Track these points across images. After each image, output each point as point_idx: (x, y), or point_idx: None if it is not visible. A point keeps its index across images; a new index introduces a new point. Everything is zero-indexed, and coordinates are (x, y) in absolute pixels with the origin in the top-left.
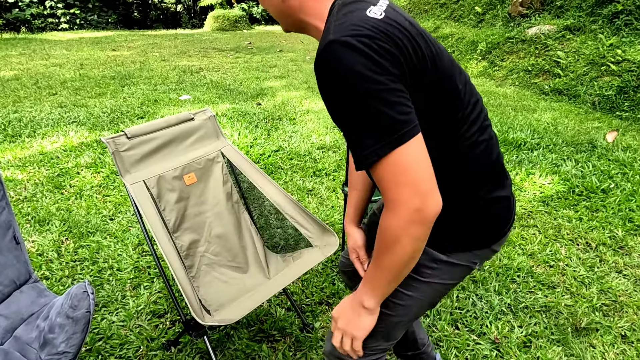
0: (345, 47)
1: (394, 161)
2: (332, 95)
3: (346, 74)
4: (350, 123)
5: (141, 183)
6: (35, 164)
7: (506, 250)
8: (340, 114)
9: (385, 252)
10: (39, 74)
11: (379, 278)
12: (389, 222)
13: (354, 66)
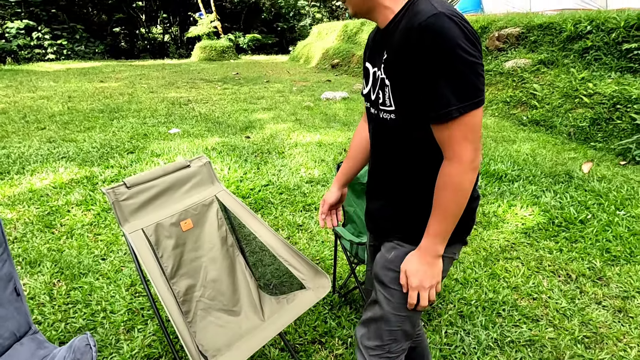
0: (451, 21)
1: (468, 121)
2: (430, 57)
3: (451, 41)
4: (441, 83)
5: (140, 231)
6: (24, 202)
7: (491, 283)
8: (431, 74)
9: (451, 197)
10: (26, 108)
11: (447, 224)
12: (453, 171)
13: (457, 38)
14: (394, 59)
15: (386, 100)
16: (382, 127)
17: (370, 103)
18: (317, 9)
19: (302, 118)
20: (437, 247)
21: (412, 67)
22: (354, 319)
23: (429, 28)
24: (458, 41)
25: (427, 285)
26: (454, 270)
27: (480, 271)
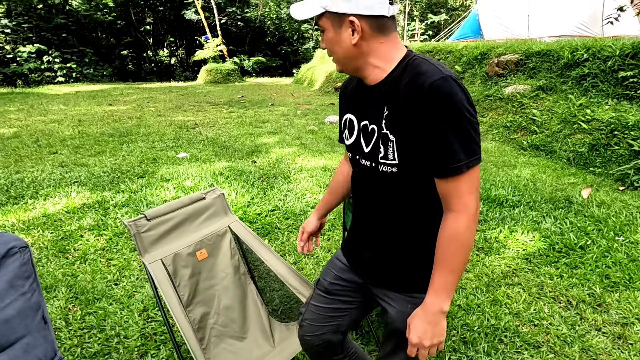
0: (457, 85)
1: (473, 174)
2: (441, 116)
3: (458, 103)
4: (451, 140)
5: (159, 262)
6: (39, 226)
7: (493, 309)
8: (443, 132)
9: (457, 250)
10: (38, 132)
11: (453, 277)
12: (460, 223)
13: (463, 101)
14: (400, 116)
15: (389, 154)
16: (380, 179)
17: (362, 155)
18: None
19: (307, 142)
20: (442, 303)
21: (421, 125)
22: (360, 345)
23: (440, 90)
24: (464, 103)
25: (427, 345)
26: (457, 296)
27: (482, 297)
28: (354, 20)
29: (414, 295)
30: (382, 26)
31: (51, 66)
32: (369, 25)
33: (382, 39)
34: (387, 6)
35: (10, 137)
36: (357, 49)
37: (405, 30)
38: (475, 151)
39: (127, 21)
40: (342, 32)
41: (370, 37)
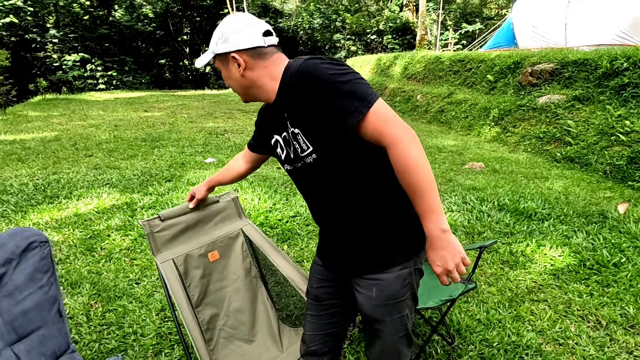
0: (312, 59)
1: (377, 110)
2: (318, 90)
3: (321, 71)
4: (339, 101)
5: (170, 261)
6: (70, 225)
7: (515, 325)
8: (329, 100)
9: (416, 174)
10: (77, 135)
11: (430, 198)
12: (399, 152)
13: (324, 66)
14: (295, 111)
15: (303, 146)
16: (311, 171)
17: (291, 162)
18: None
19: None
20: (439, 224)
21: (310, 106)
22: None
23: (304, 70)
24: (325, 67)
25: (452, 267)
26: (477, 310)
27: (504, 312)
28: (235, 55)
29: (377, 277)
30: (261, 54)
31: (94, 74)
32: (249, 56)
33: (265, 64)
34: (262, 38)
35: (52, 140)
36: (246, 79)
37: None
38: (364, 94)
39: (165, 31)
40: (230, 67)
41: (254, 65)
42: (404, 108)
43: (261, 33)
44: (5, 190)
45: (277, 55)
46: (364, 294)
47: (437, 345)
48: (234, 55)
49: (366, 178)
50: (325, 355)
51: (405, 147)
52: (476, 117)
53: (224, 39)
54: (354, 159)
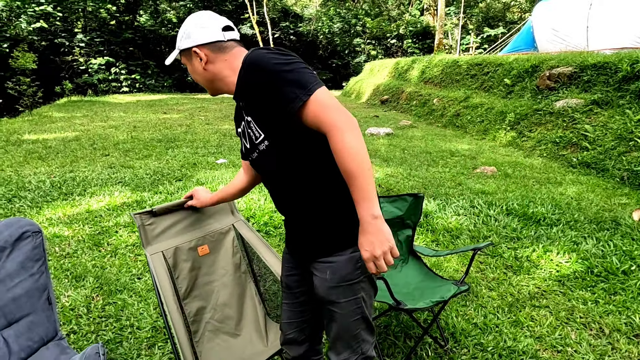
0: (256, 50)
1: (318, 97)
2: (261, 78)
3: (264, 60)
4: (282, 88)
5: (160, 254)
6: (81, 221)
7: (513, 331)
8: (272, 88)
9: (352, 159)
10: (96, 136)
11: (364, 183)
12: (337, 137)
13: (268, 56)
14: (247, 100)
15: (256, 133)
16: (265, 158)
17: (249, 152)
18: (372, 46)
19: None
20: (371, 210)
21: (259, 94)
22: None
23: (250, 60)
24: (269, 57)
25: (379, 254)
26: (474, 314)
27: (503, 317)
28: (196, 50)
29: (330, 260)
30: (221, 48)
31: (117, 77)
32: (209, 50)
33: (225, 57)
34: (221, 33)
35: (72, 140)
36: (208, 72)
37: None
38: (306, 82)
39: None
40: (193, 62)
41: (215, 59)
42: (420, 112)
43: (221, 28)
44: (24, 187)
45: (237, 49)
46: (319, 276)
47: (428, 347)
48: (196, 49)
49: (314, 164)
50: (303, 342)
51: (341, 133)
52: (492, 121)
53: (187, 35)
54: (302, 145)
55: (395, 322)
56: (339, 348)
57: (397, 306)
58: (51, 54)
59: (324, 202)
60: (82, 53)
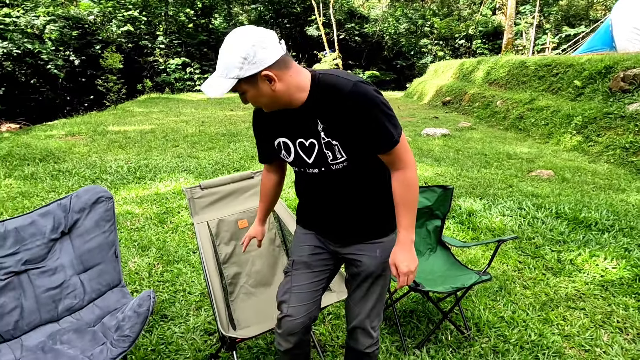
0: (367, 85)
1: (403, 140)
2: (368, 111)
3: (375, 99)
4: (383, 125)
5: (205, 223)
6: (149, 201)
7: (540, 327)
8: (375, 122)
9: (412, 193)
10: (169, 129)
11: (413, 214)
12: (408, 174)
13: (377, 96)
14: (336, 125)
15: (337, 155)
16: (335, 176)
17: (308, 166)
18: (439, 47)
19: None
20: (411, 235)
21: (357, 124)
22: (385, 334)
23: (358, 94)
24: (378, 97)
25: (413, 269)
26: (503, 309)
27: (532, 314)
28: (267, 72)
29: (378, 241)
30: (284, 62)
31: (192, 76)
32: (277, 69)
33: (290, 72)
34: (280, 46)
35: (148, 132)
36: (277, 92)
37: (532, 44)
38: (398, 125)
39: None
40: (260, 86)
41: (283, 76)
42: (481, 114)
43: (277, 42)
44: (106, 171)
45: (293, 62)
46: (369, 254)
47: (449, 333)
48: (265, 72)
49: (376, 176)
50: (303, 329)
51: (411, 171)
52: (557, 125)
53: (251, 61)
54: (374, 168)
55: (420, 308)
56: (372, 316)
57: (416, 287)
58: (136, 55)
59: (377, 201)
60: (161, 54)
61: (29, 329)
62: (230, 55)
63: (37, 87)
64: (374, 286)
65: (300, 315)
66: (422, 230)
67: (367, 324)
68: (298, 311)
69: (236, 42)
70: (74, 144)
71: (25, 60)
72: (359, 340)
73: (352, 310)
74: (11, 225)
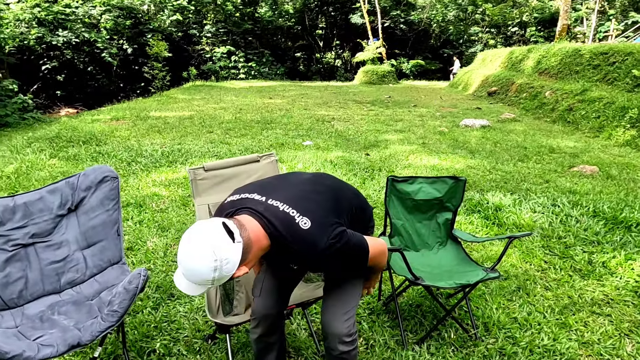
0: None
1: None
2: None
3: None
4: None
5: (205, 206)
6: (177, 185)
7: (556, 332)
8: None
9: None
10: (206, 116)
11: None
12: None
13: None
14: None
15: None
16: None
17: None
18: (490, 35)
19: (429, 142)
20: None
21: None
22: (387, 327)
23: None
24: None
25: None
26: (518, 310)
27: (550, 317)
28: (239, 270)
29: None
30: (246, 248)
31: (236, 65)
32: (243, 258)
33: (252, 245)
34: (232, 241)
35: (186, 118)
36: (250, 264)
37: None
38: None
39: (302, 26)
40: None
41: (248, 252)
42: (528, 105)
43: (230, 239)
44: (141, 154)
45: (246, 226)
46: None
47: (453, 330)
48: (238, 271)
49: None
50: (281, 315)
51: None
52: (609, 118)
53: (219, 278)
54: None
55: (427, 303)
56: (350, 319)
57: (415, 281)
58: (185, 44)
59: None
60: (208, 42)
61: (32, 299)
62: (197, 274)
63: (94, 75)
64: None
65: (273, 299)
66: (432, 223)
67: (351, 331)
68: (270, 295)
69: (198, 265)
70: (116, 128)
71: (83, 49)
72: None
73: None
74: (21, 200)
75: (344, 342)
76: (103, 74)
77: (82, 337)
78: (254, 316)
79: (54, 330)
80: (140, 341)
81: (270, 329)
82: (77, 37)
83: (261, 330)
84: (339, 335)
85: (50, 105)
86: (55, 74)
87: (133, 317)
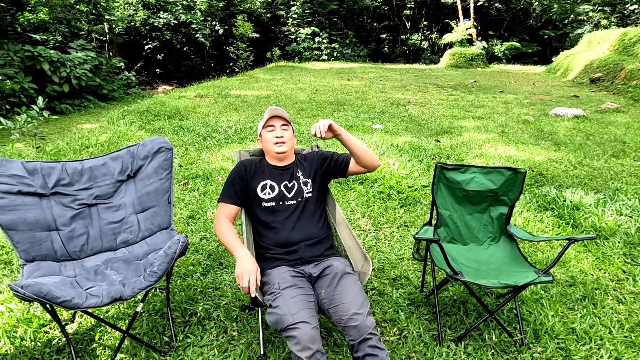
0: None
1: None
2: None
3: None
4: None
5: None
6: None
7: (620, 349)
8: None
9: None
10: (283, 95)
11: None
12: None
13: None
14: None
15: (309, 188)
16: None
17: (287, 199)
18: (602, 14)
19: (510, 131)
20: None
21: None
22: (424, 320)
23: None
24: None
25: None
26: (579, 320)
27: (616, 333)
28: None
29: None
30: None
31: (319, 46)
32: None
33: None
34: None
35: (263, 97)
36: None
37: None
38: None
39: (389, 6)
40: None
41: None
42: (638, 95)
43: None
44: (216, 130)
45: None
46: (335, 264)
47: (496, 331)
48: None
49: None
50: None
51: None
52: None
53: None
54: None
55: (473, 301)
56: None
57: (453, 276)
58: (272, 25)
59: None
60: (294, 24)
61: (91, 254)
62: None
63: (189, 54)
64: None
65: (311, 316)
66: (484, 216)
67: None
68: (306, 314)
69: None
70: (198, 105)
71: (180, 30)
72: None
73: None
74: (87, 164)
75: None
76: (198, 54)
77: (124, 292)
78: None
79: (103, 283)
80: (185, 303)
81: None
82: (176, 18)
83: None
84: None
85: (151, 82)
86: (155, 53)
87: (183, 280)
